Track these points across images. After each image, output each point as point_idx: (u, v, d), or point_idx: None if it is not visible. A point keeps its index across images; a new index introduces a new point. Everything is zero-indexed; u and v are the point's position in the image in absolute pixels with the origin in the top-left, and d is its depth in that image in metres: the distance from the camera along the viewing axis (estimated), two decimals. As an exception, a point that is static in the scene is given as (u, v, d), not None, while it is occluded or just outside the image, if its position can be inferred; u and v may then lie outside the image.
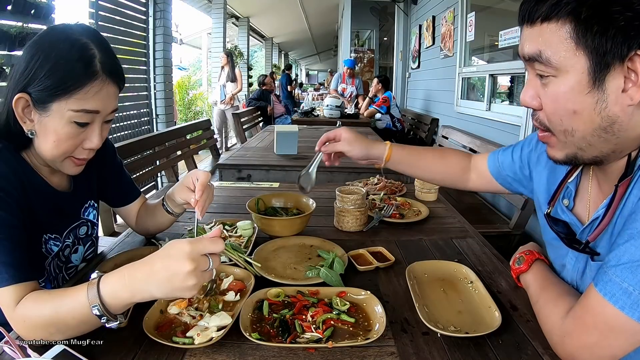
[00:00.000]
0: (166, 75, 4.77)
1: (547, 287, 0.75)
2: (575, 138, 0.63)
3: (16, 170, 0.79)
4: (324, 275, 0.87)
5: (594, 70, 0.58)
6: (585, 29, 0.57)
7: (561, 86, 0.61)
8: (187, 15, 20.23)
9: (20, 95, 0.74)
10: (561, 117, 0.62)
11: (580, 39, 0.57)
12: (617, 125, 0.60)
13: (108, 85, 0.78)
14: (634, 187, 0.61)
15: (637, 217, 0.56)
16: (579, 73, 0.59)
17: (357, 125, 4.49)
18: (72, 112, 0.75)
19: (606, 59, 0.57)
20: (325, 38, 14.76)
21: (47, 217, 0.86)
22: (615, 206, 0.62)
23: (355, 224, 1.20)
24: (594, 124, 0.60)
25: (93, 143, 0.81)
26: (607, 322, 0.57)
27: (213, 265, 0.64)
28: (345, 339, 0.69)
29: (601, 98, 0.59)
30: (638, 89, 0.57)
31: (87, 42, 0.76)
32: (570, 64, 0.59)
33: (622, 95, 0.58)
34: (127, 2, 4.10)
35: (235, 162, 2.37)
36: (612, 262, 0.58)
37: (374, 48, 9.30)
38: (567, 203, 0.77)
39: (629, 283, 0.55)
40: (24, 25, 2.56)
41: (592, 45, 0.57)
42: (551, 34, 0.60)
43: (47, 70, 0.73)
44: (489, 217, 2.51)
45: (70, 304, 0.64)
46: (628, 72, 0.57)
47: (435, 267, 0.95)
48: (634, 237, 0.56)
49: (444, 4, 4.64)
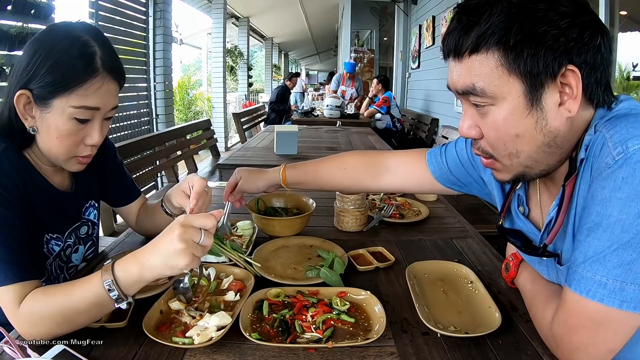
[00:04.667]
0: (166, 75, 4.77)
1: (537, 292, 0.75)
2: (521, 159, 0.64)
3: (19, 169, 0.79)
4: (324, 275, 0.87)
5: (530, 92, 0.59)
6: (516, 55, 0.57)
7: (500, 113, 0.61)
8: (187, 15, 20.26)
9: (22, 91, 0.75)
10: (505, 143, 0.63)
11: (512, 64, 0.58)
12: (560, 137, 0.61)
13: (109, 83, 0.78)
14: (581, 183, 0.61)
15: (591, 210, 0.57)
16: (515, 97, 0.59)
17: (357, 125, 4.49)
18: (73, 109, 0.76)
19: (540, 78, 0.58)
20: (325, 38, 14.76)
21: (49, 217, 0.86)
22: (566, 205, 0.63)
23: (355, 224, 1.20)
24: (537, 142, 0.61)
25: (94, 139, 0.81)
26: (592, 317, 0.57)
27: (204, 241, 0.65)
28: (345, 339, 0.69)
29: (541, 117, 0.60)
30: (574, 101, 0.58)
31: (88, 40, 0.76)
32: (505, 91, 0.60)
33: (560, 109, 0.59)
34: (127, 2, 4.10)
35: (235, 162, 2.37)
36: (579, 260, 0.58)
37: (374, 48, 9.30)
38: (523, 210, 0.76)
39: (601, 275, 0.55)
40: (24, 25, 2.56)
41: (525, 68, 0.58)
42: (481, 65, 0.60)
43: (48, 67, 0.73)
44: (489, 217, 2.50)
45: (82, 287, 0.67)
46: (562, 86, 0.58)
47: (435, 267, 0.95)
48: (593, 230, 0.56)
49: (444, 4, 4.64)
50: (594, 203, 0.57)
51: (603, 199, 0.55)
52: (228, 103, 7.86)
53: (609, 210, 0.55)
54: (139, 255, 0.67)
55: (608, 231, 0.55)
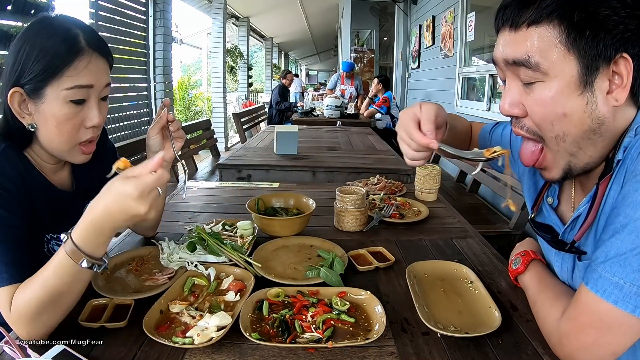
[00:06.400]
0: (166, 75, 4.77)
1: (544, 289, 0.75)
2: (567, 143, 0.63)
3: (19, 169, 0.79)
4: (324, 275, 0.87)
5: (585, 73, 0.59)
6: (577, 33, 0.57)
7: (550, 90, 0.61)
8: (187, 15, 20.25)
9: (14, 89, 0.75)
10: (552, 122, 0.62)
11: (572, 42, 0.58)
12: (605, 126, 0.61)
13: (96, 59, 0.79)
14: (613, 183, 0.61)
15: (620, 211, 0.57)
16: (568, 77, 0.59)
17: (357, 125, 4.49)
18: (66, 91, 0.76)
19: (596, 62, 0.58)
20: (325, 38, 14.76)
21: (50, 217, 0.86)
22: (598, 204, 0.63)
23: (355, 224, 1.20)
24: (584, 126, 0.61)
25: (93, 120, 0.81)
26: (603, 318, 0.57)
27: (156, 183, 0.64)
28: (345, 339, 0.69)
29: (591, 99, 0.60)
30: (623, 90, 0.59)
31: (69, 26, 0.77)
32: (559, 69, 0.59)
33: (608, 97, 0.60)
34: (127, 2, 4.10)
35: (235, 162, 2.37)
36: (600, 259, 0.58)
37: (374, 48, 9.29)
38: (552, 201, 0.77)
39: (619, 277, 0.55)
40: (24, 25, 2.56)
41: (585, 48, 0.58)
42: (540, 39, 0.59)
43: (34, 58, 0.74)
44: (489, 217, 2.51)
45: (53, 270, 0.66)
46: (612, 75, 0.59)
47: (435, 267, 0.95)
48: (618, 232, 0.56)
49: (444, 4, 4.64)
50: (624, 205, 0.56)
51: (633, 201, 0.55)
52: (228, 103, 7.86)
53: (637, 214, 0.55)
54: (90, 217, 0.65)
55: (633, 234, 0.55)
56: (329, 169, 2.29)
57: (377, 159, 2.55)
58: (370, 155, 2.65)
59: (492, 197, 2.98)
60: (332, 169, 2.29)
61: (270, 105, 6.90)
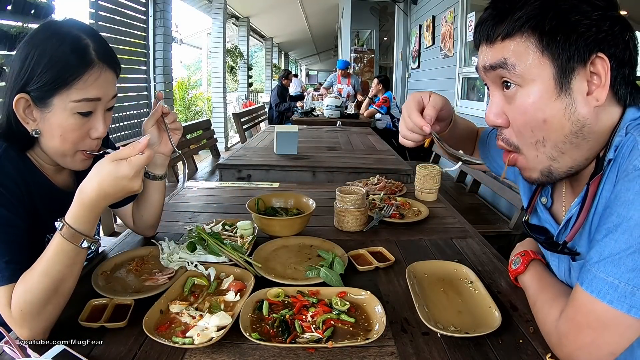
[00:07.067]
0: (166, 75, 4.77)
1: (544, 289, 0.75)
2: (547, 148, 0.64)
3: (21, 169, 0.79)
4: (324, 275, 0.87)
5: (560, 76, 0.60)
6: (549, 39, 0.59)
7: (529, 97, 0.62)
8: (187, 15, 20.21)
9: (20, 95, 0.74)
10: (532, 128, 0.63)
11: (545, 46, 0.60)
12: (587, 127, 0.62)
13: (106, 72, 0.79)
14: (605, 183, 0.61)
15: (612, 211, 0.57)
16: (545, 80, 0.61)
17: (357, 125, 4.49)
18: (74, 103, 0.76)
19: (571, 63, 0.59)
20: (325, 38, 14.76)
21: (51, 217, 0.85)
22: (588, 204, 0.63)
23: (355, 224, 1.20)
24: (565, 130, 0.62)
25: (98, 131, 0.81)
26: (599, 319, 0.57)
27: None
28: (346, 339, 0.69)
29: (569, 102, 0.60)
30: (602, 89, 0.60)
31: (79, 34, 0.77)
32: (535, 73, 0.61)
33: (588, 98, 0.60)
34: (127, 2, 4.10)
35: (235, 162, 2.37)
36: (594, 259, 0.58)
37: (374, 48, 9.29)
38: (545, 201, 0.78)
39: (614, 277, 0.55)
40: (24, 25, 2.56)
41: (557, 52, 0.59)
42: (515, 47, 0.62)
43: (44, 66, 0.73)
44: (489, 217, 2.51)
45: (54, 257, 0.68)
46: (590, 76, 0.60)
47: (435, 267, 0.95)
48: (611, 231, 0.56)
49: (444, 4, 4.64)
50: (617, 204, 0.56)
51: (626, 200, 0.55)
52: (228, 103, 7.86)
53: (630, 213, 0.54)
54: (85, 200, 0.69)
55: (626, 234, 0.55)
56: (329, 169, 2.29)
57: (377, 159, 2.55)
58: (370, 155, 2.65)
59: (492, 197, 2.98)
60: (332, 169, 2.29)
61: (269, 106, 6.89)
